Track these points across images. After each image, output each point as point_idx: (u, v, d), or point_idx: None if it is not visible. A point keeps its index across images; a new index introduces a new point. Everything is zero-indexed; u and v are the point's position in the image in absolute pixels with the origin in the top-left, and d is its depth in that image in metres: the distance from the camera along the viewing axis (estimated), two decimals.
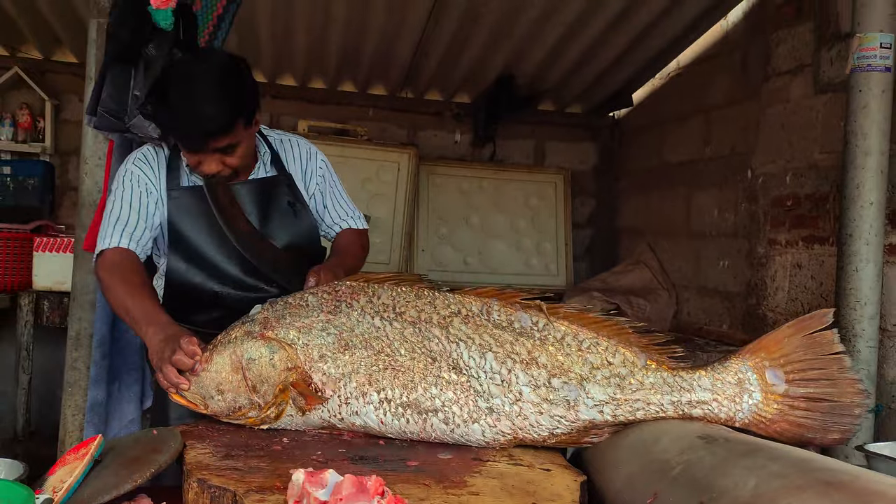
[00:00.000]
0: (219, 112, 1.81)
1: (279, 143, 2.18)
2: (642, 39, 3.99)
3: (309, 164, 2.19)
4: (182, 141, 1.89)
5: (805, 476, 0.94)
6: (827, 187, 3.00)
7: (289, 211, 2.08)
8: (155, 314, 1.73)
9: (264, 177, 2.07)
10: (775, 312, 3.28)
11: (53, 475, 1.35)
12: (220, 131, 1.82)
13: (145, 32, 2.16)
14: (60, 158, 4.48)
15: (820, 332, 1.44)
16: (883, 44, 2.60)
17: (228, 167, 1.91)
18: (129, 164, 2.01)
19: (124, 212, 1.93)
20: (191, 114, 1.80)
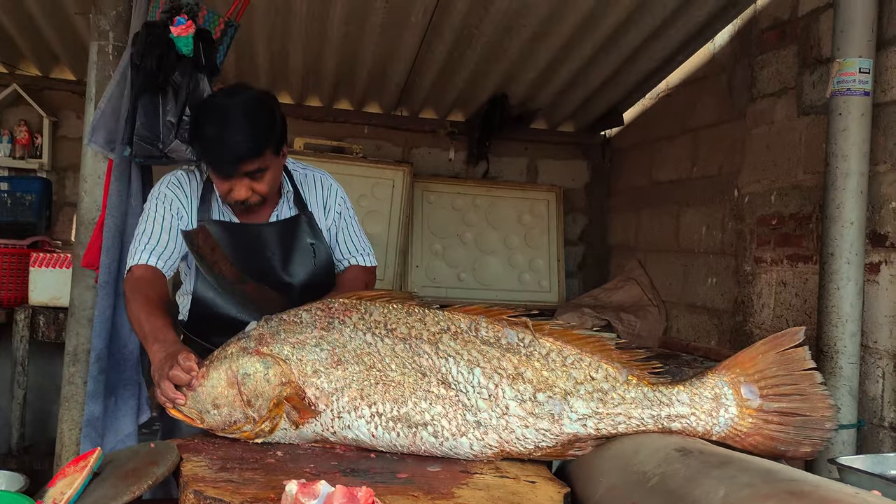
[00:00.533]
0: (249, 139, 1.91)
1: (303, 177, 2.25)
2: (632, 61, 4.08)
3: (328, 201, 2.25)
4: (214, 166, 1.96)
5: (771, 486, 1.00)
6: (810, 207, 3.07)
7: (309, 250, 2.16)
8: (162, 332, 1.79)
9: (287, 217, 2.16)
10: (761, 329, 3.34)
11: (53, 487, 1.39)
12: (250, 156, 1.91)
13: (170, 60, 2.23)
14: (57, 175, 4.53)
15: (793, 349, 1.50)
16: (862, 69, 2.68)
17: (258, 194, 1.99)
18: (163, 187, 2.09)
19: (155, 231, 2.02)
20: (222, 141, 1.90)
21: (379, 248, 4.52)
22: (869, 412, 2.70)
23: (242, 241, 2.09)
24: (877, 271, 2.70)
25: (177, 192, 2.09)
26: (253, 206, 2.03)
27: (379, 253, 4.52)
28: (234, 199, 1.99)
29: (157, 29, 2.28)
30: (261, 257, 2.10)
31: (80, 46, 4.08)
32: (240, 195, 1.97)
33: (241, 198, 1.97)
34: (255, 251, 2.10)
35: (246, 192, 1.97)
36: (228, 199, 2.01)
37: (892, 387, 2.61)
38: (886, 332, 2.64)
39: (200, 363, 1.67)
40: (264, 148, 1.94)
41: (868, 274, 2.71)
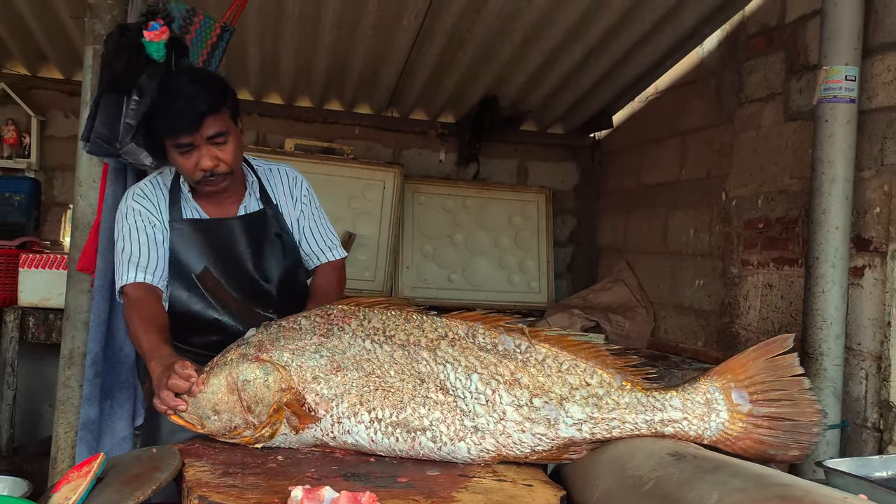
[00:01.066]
0: (207, 94, 1.97)
1: (267, 171, 2.29)
2: (622, 65, 4.12)
3: (295, 192, 2.30)
4: (176, 133, 1.97)
5: (763, 490, 1.03)
6: (796, 211, 3.13)
7: (277, 243, 2.21)
8: (159, 348, 1.82)
9: (254, 211, 2.20)
10: (748, 331, 3.40)
11: (58, 492, 1.41)
12: (210, 109, 1.96)
13: (139, 63, 2.24)
14: (46, 174, 4.51)
15: (782, 356, 1.54)
16: (848, 76, 2.73)
17: (224, 163, 2.02)
18: (129, 201, 2.12)
19: (134, 249, 2.06)
20: (183, 100, 1.95)
21: (369, 250, 4.55)
22: (853, 413, 2.75)
23: (214, 236, 2.14)
24: (861, 275, 2.76)
25: (143, 203, 2.12)
26: (222, 183, 2.06)
27: (369, 254, 4.56)
28: (202, 169, 2.00)
29: (129, 32, 2.30)
30: (234, 253, 2.14)
31: (69, 46, 4.08)
32: (206, 164, 2.00)
33: (209, 167, 2.00)
34: (228, 247, 2.14)
35: (212, 160, 2.00)
36: (196, 175, 2.02)
37: (876, 388, 2.67)
38: (870, 335, 2.70)
39: (199, 370, 1.69)
40: (222, 104, 2.00)
41: (852, 277, 2.76)
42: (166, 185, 2.16)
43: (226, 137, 2.02)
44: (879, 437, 2.64)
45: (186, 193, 2.14)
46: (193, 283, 2.10)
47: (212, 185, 2.07)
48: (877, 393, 2.66)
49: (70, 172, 4.14)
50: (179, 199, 2.14)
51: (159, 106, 2.01)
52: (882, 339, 2.63)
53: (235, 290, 2.14)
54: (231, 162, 2.05)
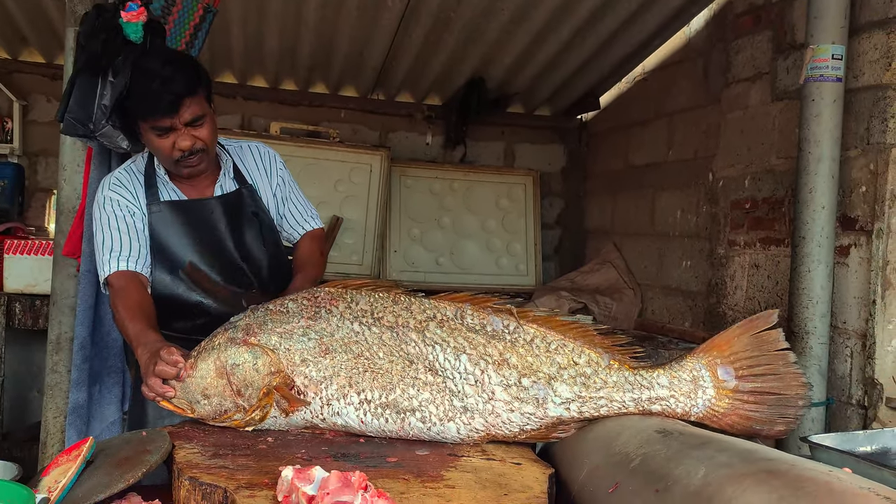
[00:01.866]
0: (184, 77, 1.96)
1: (238, 150, 2.29)
2: (609, 45, 4.11)
3: (270, 168, 2.30)
4: (154, 115, 1.96)
5: (749, 465, 1.04)
6: (783, 191, 3.14)
7: (255, 222, 2.20)
8: (144, 335, 1.82)
9: (230, 192, 2.20)
10: (734, 311, 3.42)
11: (47, 476, 1.40)
12: (188, 92, 1.95)
13: (116, 44, 2.21)
14: (29, 160, 4.46)
15: (766, 331, 1.55)
16: (835, 55, 2.74)
17: (201, 140, 2.02)
18: (106, 191, 2.11)
19: (115, 238, 2.04)
20: (160, 83, 1.93)
21: (357, 234, 4.54)
22: (837, 390, 2.79)
23: (194, 218, 2.13)
24: (846, 254, 2.78)
25: (120, 191, 2.10)
26: (199, 163, 2.06)
27: (356, 238, 4.55)
28: (179, 149, 2.00)
29: (107, 13, 2.27)
30: (215, 233, 2.14)
31: (50, 29, 4.02)
32: (185, 144, 1.99)
33: (187, 147, 2.00)
34: (209, 228, 2.14)
35: (190, 140, 2.00)
36: (175, 155, 2.02)
37: (860, 366, 2.70)
38: (855, 313, 2.73)
39: (186, 355, 1.68)
40: (198, 86, 2.00)
41: (838, 256, 2.79)
42: (140, 171, 2.15)
43: (203, 119, 2.02)
44: (864, 413, 2.67)
45: (163, 176, 2.13)
46: (175, 266, 2.10)
47: (190, 166, 2.06)
48: (861, 370, 2.69)
49: (54, 157, 4.10)
50: (155, 183, 2.13)
51: (135, 88, 1.99)
52: (867, 317, 2.65)
53: (219, 275, 2.13)
54: (208, 140, 2.05)
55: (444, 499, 1.30)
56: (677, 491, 1.07)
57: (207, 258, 2.12)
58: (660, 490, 1.10)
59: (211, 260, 2.13)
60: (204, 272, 2.11)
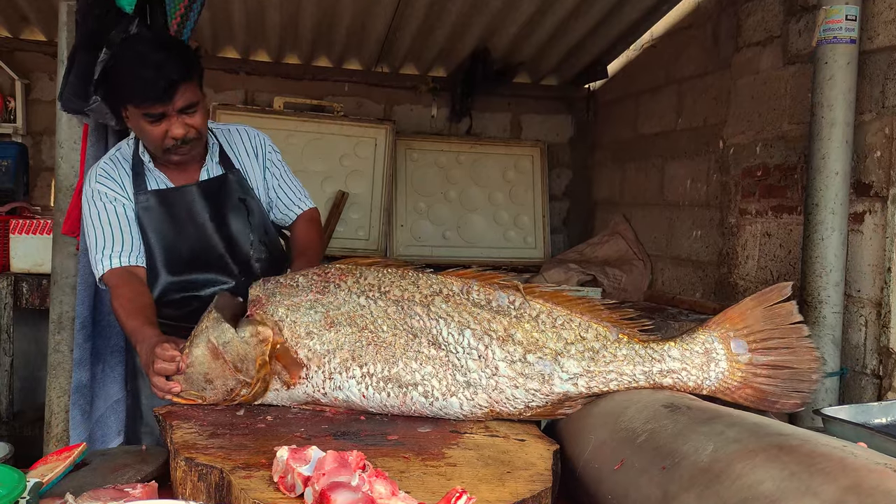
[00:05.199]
0: (178, 62, 1.90)
1: (226, 133, 2.21)
2: (616, 11, 4.02)
3: (259, 150, 2.23)
4: (147, 102, 1.89)
5: (759, 441, 1.00)
6: (795, 158, 3.07)
7: (242, 208, 2.14)
8: (141, 332, 1.79)
9: (215, 176, 2.13)
10: (746, 280, 3.36)
11: (34, 471, 1.39)
12: (182, 77, 1.89)
13: (110, 18, 2.17)
14: (33, 139, 4.44)
15: (780, 304, 1.50)
16: (848, 16, 2.65)
17: (194, 128, 1.97)
18: (93, 183, 2.06)
19: (106, 234, 2.01)
20: (150, 65, 1.86)
21: (362, 208, 4.50)
22: (851, 360, 2.73)
23: (180, 206, 2.08)
24: (861, 221, 2.71)
25: (107, 182, 2.05)
26: (192, 151, 2.01)
27: (362, 213, 4.51)
28: (172, 137, 1.94)
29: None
30: (196, 221, 2.09)
31: (50, 7, 3.96)
32: (177, 132, 1.94)
33: (180, 135, 1.94)
34: (190, 217, 2.08)
35: (183, 128, 1.94)
36: (166, 143, 1.96)
37: (875, 335, 2.64)
38: (870, 281, 2.67)
39: (182, 345, 1.66)
40: (192, 73, 1.94)
41: (852, 224, 2.72)
42: (127, 159, 2.09)
43: (196, 107, 1.96)
44: (879, 383, 2.62)
45: (148, 163, 2.07)
46: (163, 255, 2.07)
47: (181, 154, 2.01)
48: (876, 340, 2.63)
49: None
50: (143, 171, 2.07)
51: (126, 72, 1.92)
52: (882, 285, 2.59)
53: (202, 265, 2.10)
54: (200, 127, 2.00)
55: (445, 477, 1.27)
56: (685, 468, 1.04)
57: (192, 247, 2.08)
58: (667, 467, 1.06)
59: (196, 250, 2.09)
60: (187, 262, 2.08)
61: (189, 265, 2.09)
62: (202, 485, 1.29)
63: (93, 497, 1.27)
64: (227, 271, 2.12)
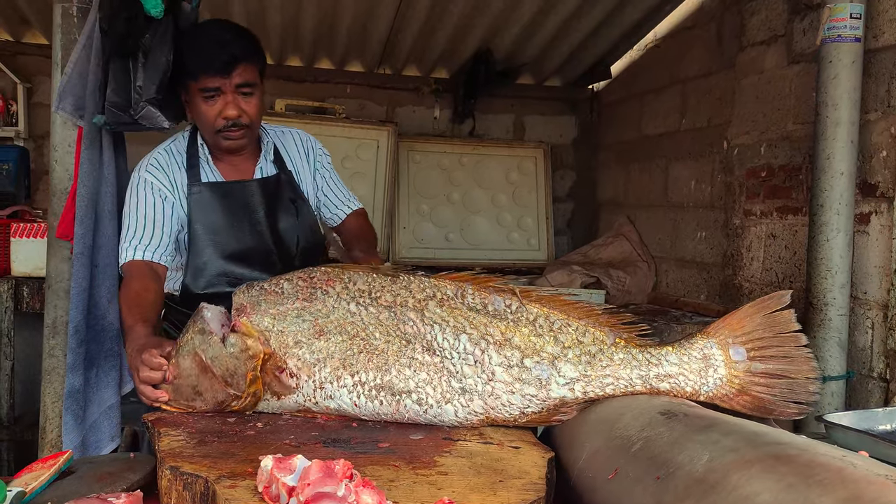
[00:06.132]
0: (244, 39, 2.00)
1: (280, 136, 2.27)
2: (619, 11, 3.98)
3: (311, 156, 2.30)
4: (208, 72, 1.95)
5: (756, 450, 0.97)
6: (800, 158, 3.03)
7: (291, 208, 2.19)
8: (133, 330, 1.77)
9: (269, 175, 2.18)
10: (751, 282, 3.32)
11: (19, 479, 1.37)
12: (245, 56, 1.97)
13: (139, 22, 2.15)
14: (35, 143, 4.43)
15: (779, 311, 1.47)
16: (853, 14, 2.61)
17: (247, 115, 2.02)
18: (142, 172, 2.09)
19: (139, 225, 2.03)
20: (219, 41, 1.97)
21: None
22: (858, 363, 2.69)
23: (232, 200, 2.12)
24: (867, 221, 2.66)
25: (157, 174, 2.08)
26: (241, 138, 2.05)
27: None
28: (225, 117, 1.99)
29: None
30: (253, 216, 2.13)
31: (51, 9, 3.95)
32: (231, 112, 1.98)
33: (233, 116, 1.99)
34: (245, 211, 2.13)
35: (236, 109, 1.99)
36: (218, 123, 2.01)
37: (882, 337, 2.60)
38: (876, 283, 2.62)
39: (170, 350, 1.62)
40: (256, 54, 2.02)
41: (858, 224, 2.68)
42: (182, 151, 2.13)
43: (253, 89, 2.01)
44: (886, 387, 2.57)
45: (205, 156, 2.12)
46: (213, 249, 2.09)
47: (231, 139, 2.05)
48: (883, 342, 2.59)
49: None
50: (198, 164, 2.11)
51: (190, 48, 2.00)
52: (889, 287, 2.55)
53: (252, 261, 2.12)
54: (254, 115, 2.04)
55: (436, 486, 1.24)
56: (680, 478, 1.00)
57: (241, 241, 2.11)
58: (661, 477, 1.03)
59: (245, 244, 2.12)
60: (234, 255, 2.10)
61: (238, 259, 2.11)
62: (187, 494, 1.27)
63: None
64: (272, 268, 2.13)
